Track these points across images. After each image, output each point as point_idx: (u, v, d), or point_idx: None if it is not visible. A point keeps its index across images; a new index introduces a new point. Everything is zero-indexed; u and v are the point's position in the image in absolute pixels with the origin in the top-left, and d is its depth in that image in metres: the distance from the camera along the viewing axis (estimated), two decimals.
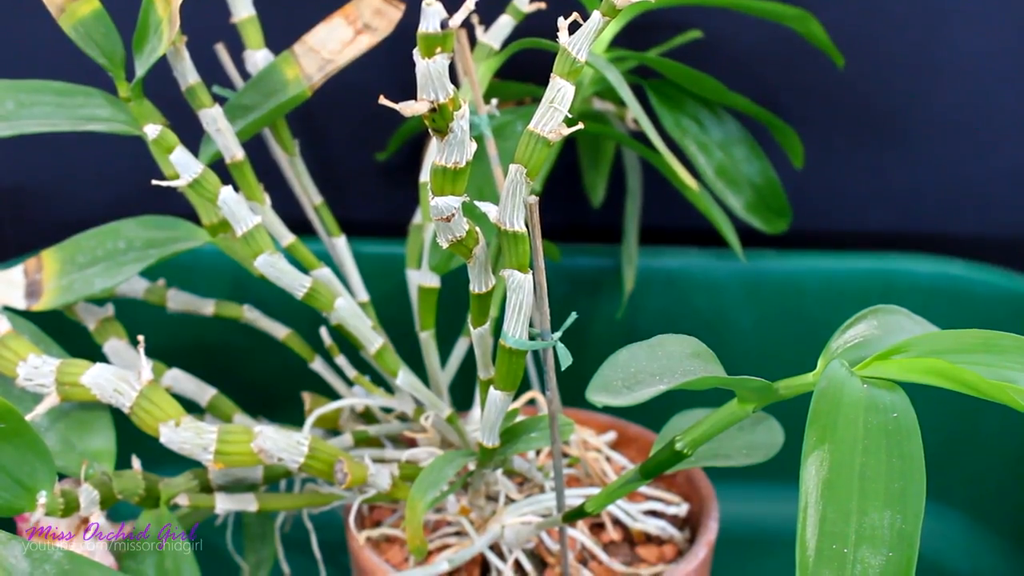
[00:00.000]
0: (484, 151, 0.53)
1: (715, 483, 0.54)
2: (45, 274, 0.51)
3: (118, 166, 0.71)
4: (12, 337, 0.48)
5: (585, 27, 0.36)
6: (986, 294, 0.67)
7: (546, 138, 0.36)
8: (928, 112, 0.70)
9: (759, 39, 0.69)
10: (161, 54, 0.48)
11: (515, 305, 0.40)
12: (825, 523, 0.33)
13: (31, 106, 0.50)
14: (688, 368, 0.40)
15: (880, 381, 0.36)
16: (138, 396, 0.45)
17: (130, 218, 0.51)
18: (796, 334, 0.69)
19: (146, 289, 0.58)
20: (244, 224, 0.47)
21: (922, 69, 0.70)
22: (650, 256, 0.69)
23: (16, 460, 0.44)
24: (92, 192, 0.73)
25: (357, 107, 0.69)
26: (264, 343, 0.59)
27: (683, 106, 0.65)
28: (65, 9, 0.49)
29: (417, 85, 0.34)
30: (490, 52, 0.57)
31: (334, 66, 0.52)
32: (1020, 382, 0.34)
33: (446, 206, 0.37)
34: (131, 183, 0.67)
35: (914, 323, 0.40)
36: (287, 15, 0.59)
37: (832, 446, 0.34)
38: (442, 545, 0.52)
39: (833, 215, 0.73)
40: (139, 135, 0.49)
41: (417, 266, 0.55)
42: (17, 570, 0.40)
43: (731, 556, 0.60)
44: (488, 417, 0.46)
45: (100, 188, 0.73)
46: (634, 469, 0.46)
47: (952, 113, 0.70)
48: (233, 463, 0.45)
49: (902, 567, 0.32)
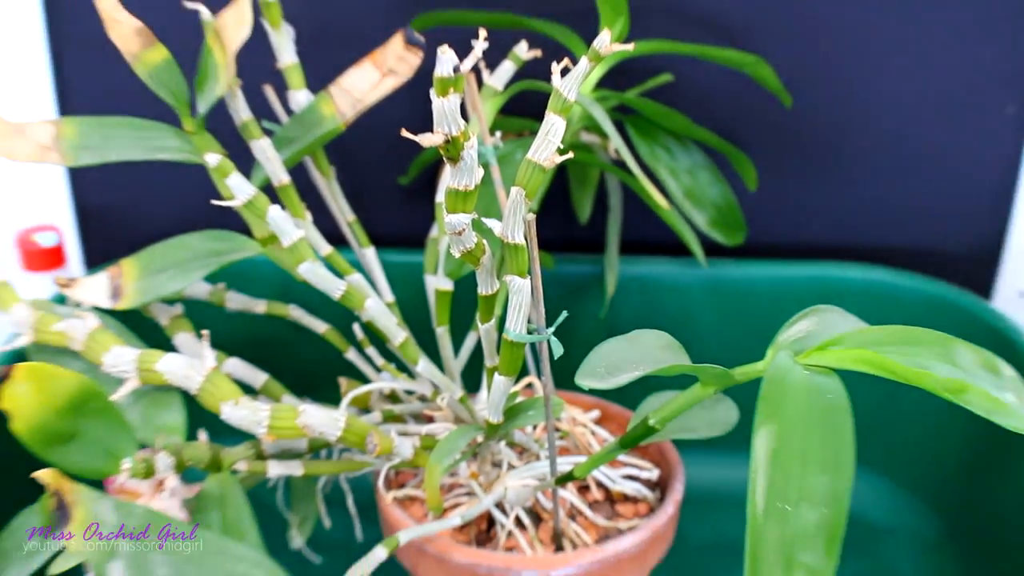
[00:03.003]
0: (490, 176, 0.53)
1: (681, 452, 0.54)
2: (125, 279, 0.51)
3: (184, 189, 0.71)
4: (99, 331, 0.48)
5: (574, 71, 0.36)
6: (906, 296, 0.68)
7: (542, 165, 0.37)
8: (859, 145, 0.71)
9: (720, 82, 0.69)
10: (219, 95, 0.49)
11: (516, 305, 0.40)
12: (772, 486, 0.33)
13: (113, 139, 0.50)
14: (660, 358, 0.41)
15: (818, 368, 0.36)
16: (203, 380, 0.45)
17: (195, 232, 0.52)
18: (749, 329, 0.69)
19: (208, 291, 0.58)
20: (289, 237, 0.47)
21: (855, 109, 0.70)
22: (628, 264, 0.69)
23: (104, 433, 0.44)
24: (163, 210, 0.74)
25: (383, 138, 0.69)
26: (307, 336, 0.59)
27: (656, 138, 0.65)
28: (140, 57, 0.50)
29: (433, 120, 0.34)
30: (495, 92, 0.57)
31: (364, 104, 0.53)
32: (933, 369, 0.35)
33: (458, 222, 0.37)
34: (195, 203, 0.67)
35: (846, 320, 0.40)
36: (324, 61, 0.59)
37: (778, 422, 0.34)
38: (455, 503, 0.52)
39: (780, 230, 0.73)
40: (201, 163, 0.50)
41: (434, 272, 0.56)
42: (107, 522, 0.40)
43: (694, 513, 0.60)
44: (493, 398, 0.46)
45: (169, 207, 0.73)
46: (614, 441, 0.46)
47: (879, 146, 0.71)
48: (282, 436, 0.45)
49: (834, 521, 0.33)
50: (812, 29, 0.68)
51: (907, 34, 0.68)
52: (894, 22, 0.67)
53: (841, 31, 0.68)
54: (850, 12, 0.67)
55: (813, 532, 0.32)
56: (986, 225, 0.72)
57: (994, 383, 0.35)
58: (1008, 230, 0.72)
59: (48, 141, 0.49)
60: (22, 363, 0.42)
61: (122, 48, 0.50)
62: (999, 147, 0.70)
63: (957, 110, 0.69)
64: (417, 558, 0.49)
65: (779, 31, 0.68)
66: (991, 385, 0.35)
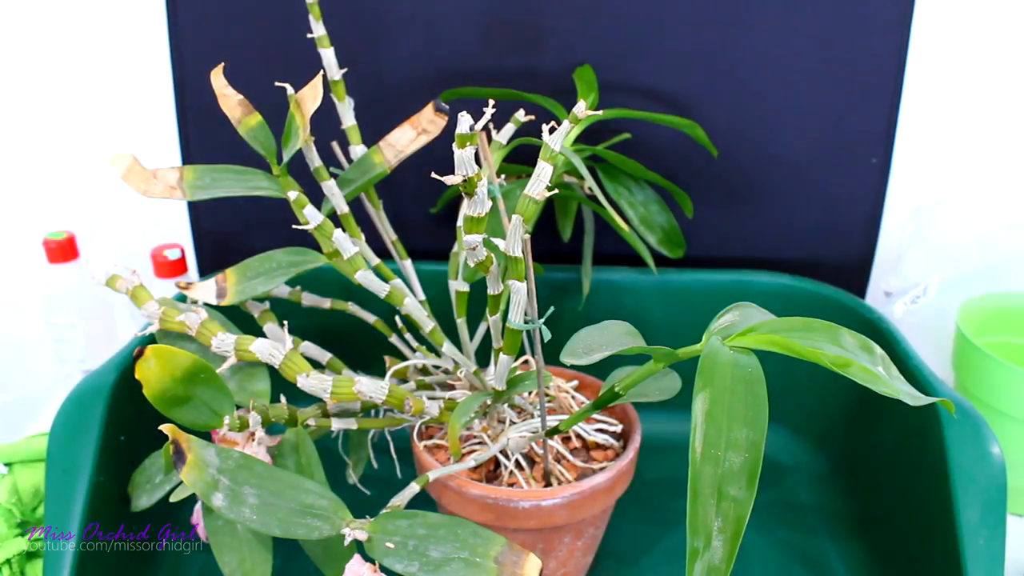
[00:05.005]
0: (496, 207, 0.53)
1: (639, 412, 0.54)
2: (228, 283, 0.51)
3: (272, 217, 0.71)
4: (208, 321, 0.48)
5: (559, 131, 0.36)
6: (803, 295, 0.67)
7: (535, 198, 0.36)
8: (767, 184, 0.70)
9: (666, 138, 0.69)
10: (298, 147, 0.48)
11: (516, 302, 0.40)
12: (707, 437, 0.33)
13: (220, 180, 0.50)
14: (623, 341, 0.40)
15: (740, 348, 0.36)
16: (284, 358, 0.45)
17: (279, 248, 0.51)
18: (689, 320, 0.69)
19: (289, 292, 0.58)
20: (348, 252, 0.47)
21: (764, 157, 0.69)
22: (599, 272, 0.69)
23: (211, 397, 0.44)
24: (256, 232, 0.73)
25: (418, 179, 0.69)
26: (361, 325, 0.58)
27: (619, 179, 0.65)
28: (241, 121, 0.50)
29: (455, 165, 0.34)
30: (500, 145, 0.57)
31: (404, 154, 0.52)
32: (825, 349, 0.34)
33: (473, 240, 0.37)
34: (280, 227, 0.67)
35: (760, 314, 0.40)
36: (376, 123, 0.59)
37: (711, 389, 0.34)
38: (470, 450, 0.52)
39: (711, 247, 0.73)
40: (285, 197, 0.49)
41: (455, 278, 0.55)
42: (211, 463, 0.40)
43: (649, 457, 0.60)
44: (499, 371, 0.46)
45: (261, 230, 0.73)
46: (589, 404, 0.46)
47: (781, 185, 0.70)
48: (342, 399, 0.45)
49: (753, 463, 0.32)
50: (733, 101, 0.68)
51: (803, 105, 0.68)
52: (792, 97, 0.67)
53: (754, 102, 0.68)
54: (758, 89, 0.67)
55: (738, 471, 0.32)
56: (860, 243, 0.72)
57: (869, 360, 0.35)
58: (875, 247, 0.72)
59: (174, 182, 0.50)
60: (152, 345, 0.42)
61: (229, 114, 0.50)
62: (868, 186, 0.70)
63: (838, 160, 0.69)
64: (442, 491, 0.48)
65: (708, 102, 0.68)
66: (867, 361, 0.35)
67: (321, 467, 0.47)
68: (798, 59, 0.66)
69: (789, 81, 0.67)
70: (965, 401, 0.51)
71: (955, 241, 0.70)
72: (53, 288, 0.72)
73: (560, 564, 0.51)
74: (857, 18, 0.65)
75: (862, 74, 0.67)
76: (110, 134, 0.76)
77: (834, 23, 0.65)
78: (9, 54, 0.74)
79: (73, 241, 0.71)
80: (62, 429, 0.49)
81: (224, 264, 0.58)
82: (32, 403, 0.72)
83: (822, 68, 0.66)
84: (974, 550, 0.46)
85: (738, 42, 0.66)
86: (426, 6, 0.66)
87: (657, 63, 0.66)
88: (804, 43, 0.66)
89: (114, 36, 0.72)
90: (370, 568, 0.39)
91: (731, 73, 0.67)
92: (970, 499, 0.47)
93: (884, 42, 0.66)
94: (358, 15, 0.66)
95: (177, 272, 0.71)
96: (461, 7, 0.66)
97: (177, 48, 0.68)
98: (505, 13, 0.66)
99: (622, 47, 0.66)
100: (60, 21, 0.73)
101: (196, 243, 0.74)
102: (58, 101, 0.75)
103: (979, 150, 0.73)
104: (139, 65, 0.72)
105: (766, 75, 0.67)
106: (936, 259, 0.70)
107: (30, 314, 0.76)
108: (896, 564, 0.54)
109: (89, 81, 0.74)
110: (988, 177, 0.74)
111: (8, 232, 0.80)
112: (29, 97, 0.75)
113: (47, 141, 0.77)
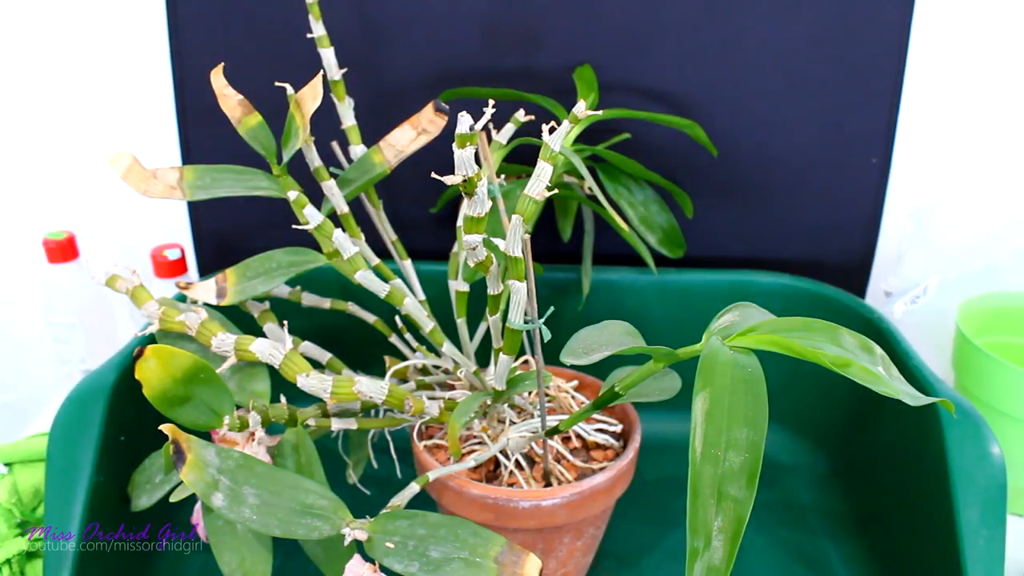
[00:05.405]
0: (496, 206, 0.53)
1: (639, 412, 0.54)
2: (228, 283, 0.50)
3: (272, 217, 0.71)
4: (208, 321, 0.48)
5: (559, 131, 0.36)
6: (803, 295, 0.67)
7: (535, 198, 0.36)
8: (768, 184, 0.70)
9: (666, 139, 0.68)
10: (298, 147, 0.48)
11: (516, 302, 0.40)
12: (707, 436, 0.33)
13: (220, 180, 0.50)
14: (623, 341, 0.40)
15: (740, 348, 0.36)
16: (284, 358, 0.45)
17: (279, 248, 0.51)
18: (689, 320, 0.69)
19: (288, 292, 0.58)
20: (348, 252, 0.47)
21: (764, 157, 0.69)
22: (599, 272, 0.69)
23: (211, 397, 0.44)
24: (256, 232, 0.73)
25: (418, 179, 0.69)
26: (361, 325, 0.58)
27: (619, 179, 0.65)
28: (241, 121, 0.50)
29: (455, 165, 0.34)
30: (500, 146, 0.57)
31: (404, 154, 0.52)
32: (825, 349, 0.34)
33: (473, 240, 0.37)
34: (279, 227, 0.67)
35: (760, 314, 0.39)
36: (376, 123, 0.59)
37: (711, 389, 0.34)
38: (470, 450, 0.52)
39: (711, 246, 0.73)
40: (285, 197, 0.49)
41: (455, 277, 0.55)
42: (211, 463, 0.40)
43: (648, 457, 0.60)
44: (499, 371, 0.46)
45: (261, 230, 0.73)
46: (589, 403, 0.46)
47: (782, 185, 0.70)
48: (342, 399, 0.45)
49: (753, 463, 0.32)
50: (733, 101, 0.68)
51: (803, 105, 0.67)
52: (792, 97, 0.67)
53: (754, 102, 0.68)
54: (758, 89, 0.67)
55: (738, 471, 0.32)
56: (860, 243, 0.72)
57: (869, 360, 0.35)
58: (875, 247, 0.72)
59: (174, 182, 0.50)
60: (152, 345, 0.42)
61: (229, 114, 0.50)
62: (868, 186, 0.70)
63: (838, 160, 0.69)
64: (442, 491, 0.48)
65: (708, 102, 0.67)
66: (867, 361, 0.35)
67: (321, 467, 0.47)
68: (798, 59, 0.66)
69: (789, 81, 0.67)
70: (965, 401, 0.51)
71: (955, 241, 0.70)
72: (53, 288, 0.72)
73: (560, 564, 0.51)
74: (857, 18, 0.65)
75: (862, 74, 0.67)
76: (110, 134, 0.76)
77: (834, 23, 0.65)
78: (9, 54, 0.74)
79: (73, 241, 0.71)
80: (62, 429, 0.49)
81: (224, 264, 0.58)
82: (32, 403, 0.72)
83: (822, 68, 0.66)
84: (974, 550, 0.46)
85: (738, 42, 0.66)
86: (426, 6, 0.66)
87: (657, 63, 0.66)
88: (804, 43, 0.66)
89: (114, 36, 0.72)
90: (370, 568, 0.39)
91: (731, 73, 0.67)
92: (970, 499, 0.47)
93: (884, 42, 0.66)
94: (358, 15, 0.66)
95: (177, 272, 0.71)
96: (461, 7, 0.66)
97: (177, 48, 0.68)
98: (505, 13, 0.66)
99: (622, 47, 0.66)
100: (60, 22, 0.73)
101: (196, 243, 0.74)
102: (58, 101, 0.75)
103: (979, 150, 0.73)
104: (139, 65, 0.72)
105: (766, 75, 0.67)
106: (936, 259, 0.70)
107: (30, 314, 0.76)
108: (896, 564, 0.54)
109: (89, 81, 0.74)
110: (988, 177, 0.74)
111: (8, 232, 0.80)
112: (29, 97, 0.75)
113: (47, 141, 0.77)
